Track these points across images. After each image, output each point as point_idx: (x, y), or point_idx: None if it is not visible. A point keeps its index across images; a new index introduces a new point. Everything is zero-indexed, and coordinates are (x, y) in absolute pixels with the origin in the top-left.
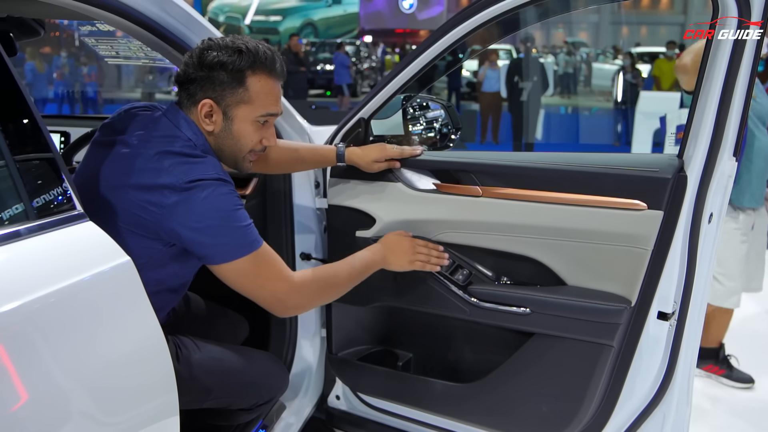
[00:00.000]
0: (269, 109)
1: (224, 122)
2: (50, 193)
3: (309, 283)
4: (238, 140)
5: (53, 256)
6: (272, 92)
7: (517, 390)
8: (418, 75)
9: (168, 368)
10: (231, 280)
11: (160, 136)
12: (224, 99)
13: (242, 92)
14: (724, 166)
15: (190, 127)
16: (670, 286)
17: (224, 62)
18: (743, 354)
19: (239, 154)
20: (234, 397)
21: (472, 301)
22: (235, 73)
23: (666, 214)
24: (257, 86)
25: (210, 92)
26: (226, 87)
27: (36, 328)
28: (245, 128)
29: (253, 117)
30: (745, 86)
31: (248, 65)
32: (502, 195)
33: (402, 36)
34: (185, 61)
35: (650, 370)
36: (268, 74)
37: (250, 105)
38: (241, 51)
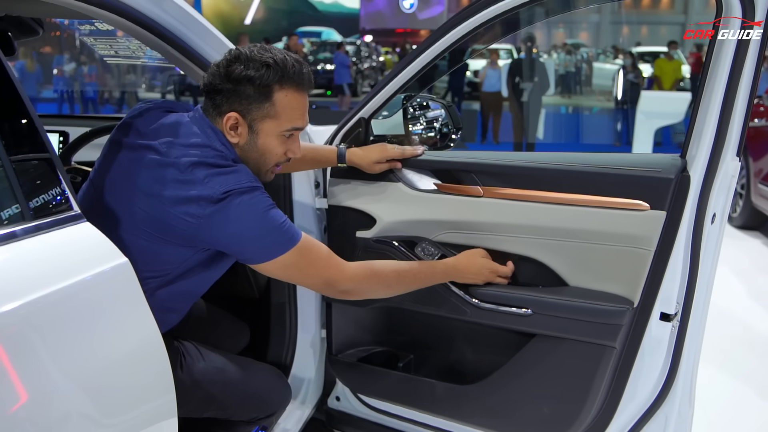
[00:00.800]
0: (295, 123)
1: (249, 135)
2: (47, 193)
3: (367, 271)
4: (263, 154)
5: (50, 257)
6: (299, 106)
7: (519, 391)
8: (418, 75)
9: (165, 370)
10: (279, 275)
11: (192, 146)
12: (250, 113)
13: (268, 107)
14: (727, 166)
15: (218, 137)
16: (673, 287)
17: (251, 77)
18: (746, 357)
19: (263, 167)
20: (234, 409)
21: (473, 302)
22: (262, 88)
23: (669, 214)
24: (284, 101)
25: (236, 105)
26: (252, 101)
27: (33, 329)
28: (271, 142)
29: (279, 131)
30: (748, 86)
31: (276, 80)
32: (503, 195)
33: (403, 35)
34: (212, 71)
35: (652, 371)
36: (296, 88)
37: (276, 120)
38: (268, 65)
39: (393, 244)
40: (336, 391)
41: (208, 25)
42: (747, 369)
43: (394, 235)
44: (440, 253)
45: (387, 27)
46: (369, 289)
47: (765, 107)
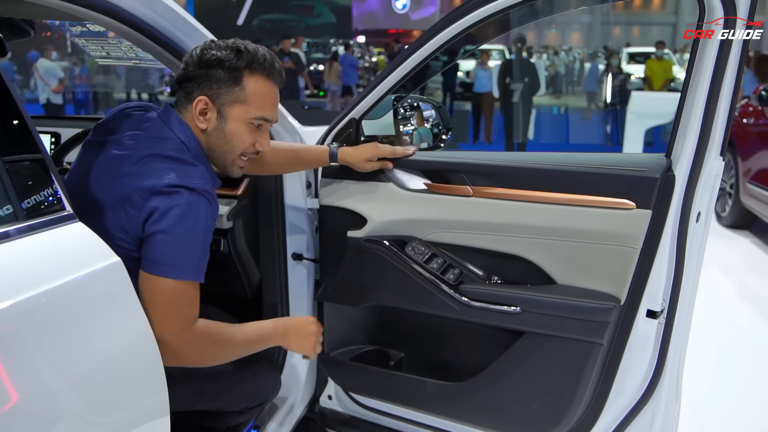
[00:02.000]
0: (264, 112)
1: (218, 121)
2: (40, 194)
3: (202, 334)
4: (230, 140)
5: (43, 256)
6: (269, 95)
7: (508, 388)
8: (409, 75)
9: (158, 368)
10: (144, 292)
11: (151, 137)
12: (219, 97)
13: (238, 91)
14: (711, 165)
15: (182, 129)
16: (659, 285)
17: (222, 59)
18: (734, 355)
19: (230, 156)
20: (225, 399)
21: (463, 300)
22: (232, 71)
23: (654, 213)
24: (253, 87)
25: (206, 89)
26: (222, 85)
27: (26, 328)
28: (238, 128)
29: (247, 118)
30: (732, 85)
31: (245, 65)
32: (492, 195)
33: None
34: (185, 60)
35: (639, 368)
36: (266, 76)
37: (245, 105)
38: (239, 50)
39: (384, 243)
40: (328, 389)
41: (198, 25)
42: (734, 366)
43: (385, 235)
44: (430, 252)
45: (379, 28)
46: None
47: (753, 108)
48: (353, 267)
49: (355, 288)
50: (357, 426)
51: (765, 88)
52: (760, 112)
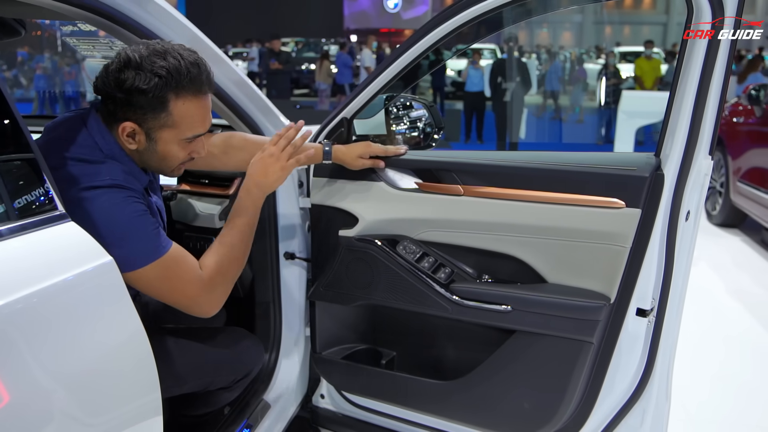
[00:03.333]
0: (196, 131)
1: (148, 143)
2: (31, 193)
3: (215, 275)
4: (165, 159)
5: (35, 256)
6: (198, 113)
7: (499, 387)
8: (400, 74)
9: (151, 367)
10: (142, 288)
11: (65, 141)
12: (146, 122)
13: (165, 117)
14: (700, 165)
15: (100, 131)
16: (649, 283)
17: (143, 89)
18: (724, 353)
19: (166, 169)
20: (211, 377)
21: (454, 299)
22: (156, 99)
23: (644, 212)
24: (181, 110)
25: (131, 114)
26: (147, 111)
27: (19, 328)
28: (171, 149)
29: (179, 139)
30: (720, 85)
31: (170, 89)
32: (483, 194)
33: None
34: (101, 75)
35: (629, 366)
36: (194, 95)
37: (175, 129)
38: (160, 77)
39: (375, 242)
40: (320, 388)
41: (189, 24)
42: (724, 364)
43: (376, 234)
44: (421, 251)
45: (371, 27)
46: (231, 285)
47: (743, 107)
48: (345, 266)
49: (346, 287)
50: (349, 425)
51: (755, 87)
52: (750, 111)
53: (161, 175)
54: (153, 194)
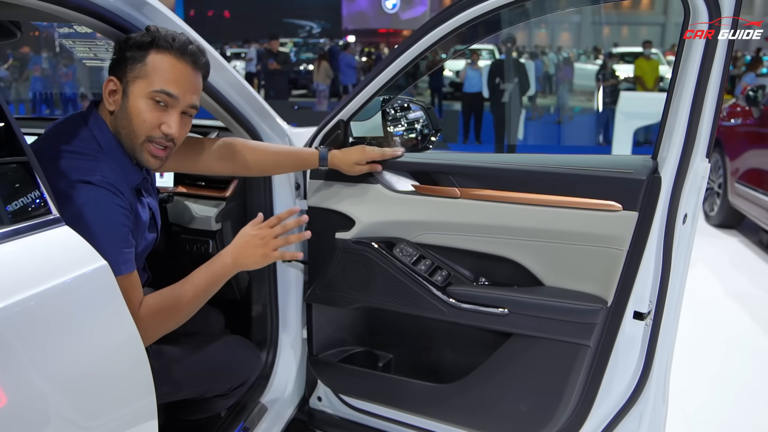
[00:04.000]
0: (165, 86)
1: (122, 100)
2: (25, 197)
3: (148, 318)
4: (132, 119)
5: (29, 260)
6: (172, 70)
7: (496, 390)
8: (397, 76)
9: (146, 370)
10: None
11: (62, 134)
12: (125, 75)
13: (140, 67)
14: (697, 167)
15: (97, 123)
16: (646, 286)
17: (129, 38)
18: (722, 355)
19: (136, 139)
20: (207, 384)
21: (451, 302)
22: (137, 50)
23: (641, 214)
24: (156, 62)
25: (115, 71)
26: (128, 64)
27: (13, 332)
28: (140, 104)
29: (148, 92)
30: (717, 87)
31: (150, 42)
32: (480, 196)
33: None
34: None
35: (627, 369)
36: (173, 54)
37: (146, 79)
38: (148, 30)
39: (372, 245)
40: (318, 391)
41: (187, 27)
42: (723, 366)
43: (373, 237)
44: (418, 253)
45: (369, 27)
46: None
47: (741, 108)
48: (341, 269)
49: (343, 290)
50: (347, 427)
51: (752, 88)
52: (748, 112)
53: (132, 153)
54: (147, 195)
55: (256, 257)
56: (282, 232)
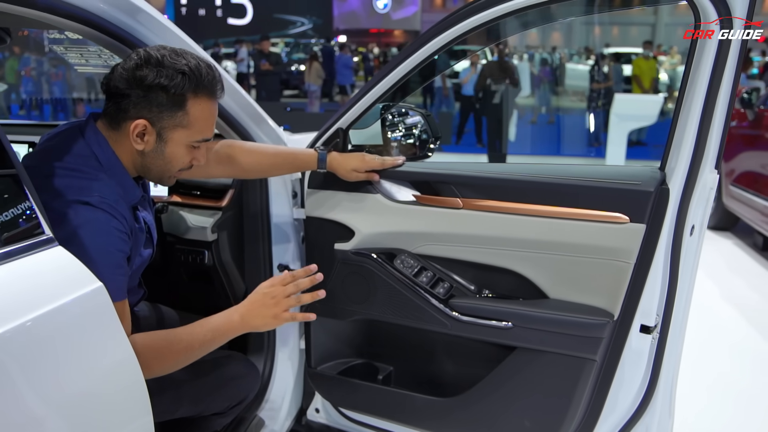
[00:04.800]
0: (206, 134)
1: (157, 143)
2: (14, 215)
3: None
4: (169, 162)
5: (22, 285)
6: (211, 116)
7: (499, 404)
8: (397, 84)
9: (142, 391)
10: None
11: (59, 150)
12: (161, 120)
13: (181, 116)
14: (706, 179)
15: (96, 139)
16: (653, 300)
17: (165, 86)
18: (719, 359)
19: (166, 174)
20: (205, 403)
21: (453, 314)
22: (175, 96)
23: (648, 227)
24: (197, 111)
25: (145, 112)
26: (164, 109)
27: (10, 359)
28: (179, 151)
29: (189, 141)
30: (727, 97)
31: (191, 89)
32: (482, 207)
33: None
34: (117, 73)
35: (633, 383)
36: (209, 97)
37: (188, 129)
38: (183, 73)
39: (372, 256)
40: (315, 402)
41: (182, 34)
42: (721, 371)
43: (373, 248)
44: (419, 265)
45: (361, 27)
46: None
47: (736, 110)
48: (341, 280)
49: (342, 301)
50: None
51: (747, 90)
52: (743, 114)
53: (158, 182)
54: (143, 209)
55: (265, 318)
56: (294, 291)
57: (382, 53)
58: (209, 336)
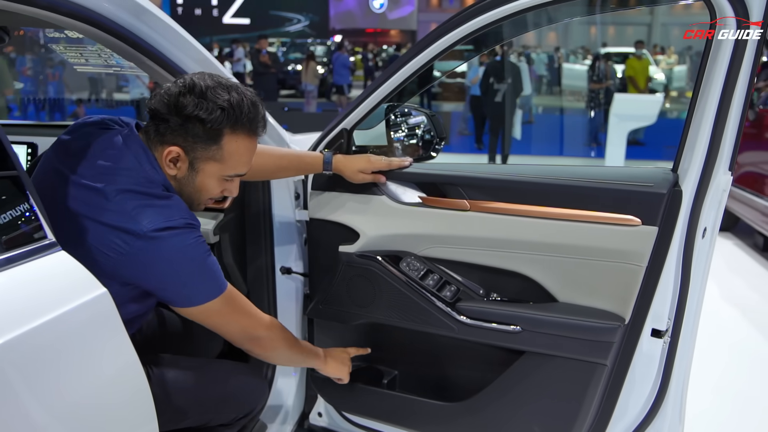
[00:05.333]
0: (239, 170)
1: (189, 171)
2: (16, 219)
3: (278, 326)
4: (199, 191)
5: (26, 291)
6: (247, 153)
7: (507, 410)
8: (402, 85)
9: (147, 399)
10: (199, 320)
11: (120, 169)
12: (194, 151)
13: (215, 150)
14: (719, 181)
15: (149, 160)
16: (664, 303)
17: (203, 119)
18: (720, 360)
19: (195, 201)
20: (212, 413)
21: (460, 318)
22: (212, 131)
23: (660, 229)
24: (232, 147)
25: (180, 140)
26: (198, 141)
27: (13, 368)
28: (210, 183)
29: (220, 175)
30: (743, 97)
31: (228, 125)
32: (490, 209)
33: (373, 36)
34: (160, 98)
35: (643, 388)
36: (247, 134)
37: (221, 164)
38: (223, 109)
39: (377, 259)
40: (318, 406)
41: (189, 36)
42: (722, 372)
43: (378, 250)
44: (426, 268)
45: (357, 27)
46: (278, 342)
47: None
48: (345, 283)
49: (347, 305)
50: None
51: None
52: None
53: (188, 206)
54: None
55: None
56: None
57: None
58: (309, 353)
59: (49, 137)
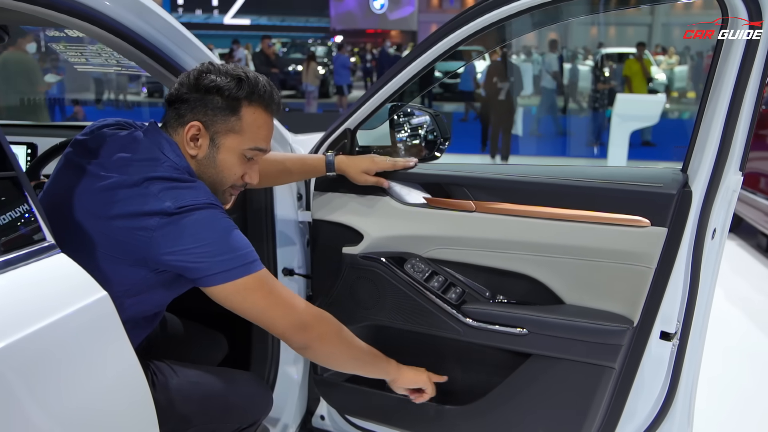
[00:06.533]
0: (258, 143)
1: (210, 149)
2: (14, 221)
3: (330, 317)
4: (221, 171)
5: (24, 295)
6: (265, 126)
7: (514, 413)
8: (406, 85)
9: (148, 405)
10: (236, 304)
11: (142, 160)
12: (214, 124)
13: (234, 121)
14: (729, 181)
15: (172, 148)
16: (674, 305)
17: (221, 87)
18: (723, 361)
19: (219, 187)
20: (216, 422)
21: (466, 321)
22: (230, 100)
23: (670, 230)
24: (251, 118)
25: (200, 115)
26: (218, 112)
27: (13, 374)
28: (230, 159)
29: (241, 149)
30: (754, 96)
31: (245, 95)
32: (496, 210)
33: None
34: (180, 80)
35: (652, 391)
36: (264, 108)
37: (240, 136)
38: (240, 79)
39: (381, 260)
40: (320, 409)
41: (192, 37)
42: (723, 371)
43: (382, 252)
44: (431, 269)
45: (357, 27)
46: (331, 334)
47: None
48: (349, 285)
49: (350, 307)
50: None
51: None
52: None
53: (213, 191)
54: None
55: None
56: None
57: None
58: (373, 362)
59: (49, 137)
